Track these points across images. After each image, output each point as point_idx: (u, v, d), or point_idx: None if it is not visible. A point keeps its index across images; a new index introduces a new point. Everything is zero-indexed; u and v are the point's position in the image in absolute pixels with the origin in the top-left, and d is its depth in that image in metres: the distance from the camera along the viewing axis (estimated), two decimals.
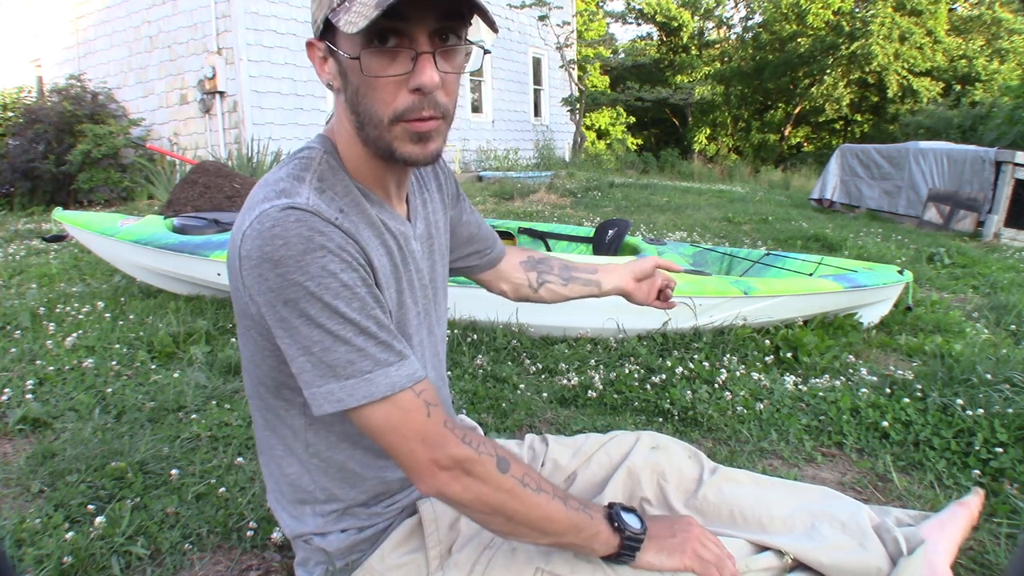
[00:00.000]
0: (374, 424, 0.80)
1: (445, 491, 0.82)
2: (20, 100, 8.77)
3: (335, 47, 0.80)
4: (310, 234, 0.77)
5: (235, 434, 1.82)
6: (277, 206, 0.78)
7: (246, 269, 0.79)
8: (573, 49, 14.16)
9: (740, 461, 1.74)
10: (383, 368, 0.79)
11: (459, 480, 0.81)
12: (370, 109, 0.80)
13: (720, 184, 12.32)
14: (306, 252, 0.76)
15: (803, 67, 19.19)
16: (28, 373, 2.23)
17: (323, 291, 0.77)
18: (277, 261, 0.76)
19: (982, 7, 17.88)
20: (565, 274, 1.30)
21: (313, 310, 0.77)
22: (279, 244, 0.76)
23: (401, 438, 0.80)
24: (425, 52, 0.77)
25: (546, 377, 2.29)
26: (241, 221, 0.82)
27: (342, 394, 0.78)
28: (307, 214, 0.78)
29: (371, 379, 0.78)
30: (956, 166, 6.56)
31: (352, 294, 0.78)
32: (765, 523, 1.08)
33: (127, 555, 1.31)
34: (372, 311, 0.80)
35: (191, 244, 2.84)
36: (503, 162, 11.79)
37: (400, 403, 0.79)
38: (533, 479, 0.86)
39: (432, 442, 0.80)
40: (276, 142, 8.06)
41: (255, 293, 0.80)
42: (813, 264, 3.08)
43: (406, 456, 0.80)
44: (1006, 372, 2.06)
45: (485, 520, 0.85)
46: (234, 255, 0.82)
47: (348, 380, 0.78)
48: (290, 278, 0.76)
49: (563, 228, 3.62)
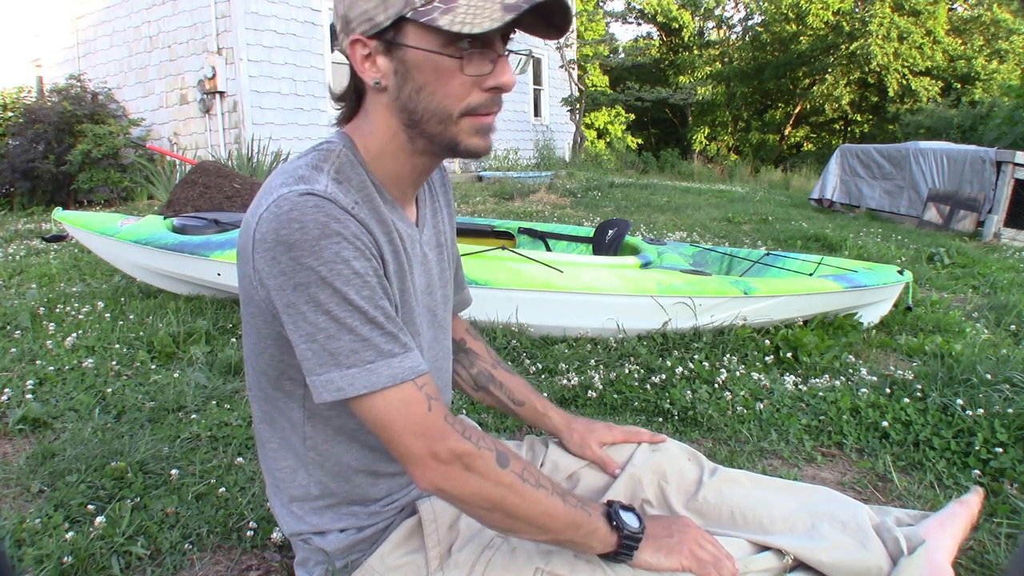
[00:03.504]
0: (374, 415, 0.80)
1: (444, 486, 0.81)
2: (20, 100, 8.76)
3: (401, 44, 0.80)
4: (327, 220, 0.77)
5: (235, 434, 1.82)
6: (296, 191, 0.79)
7: (259, 252, 0.80)
8: (573, 49, 14.16)
9: (740, 461, 1.73)
10: (386, 359, 0.79)
11: (458, 475, 0.81)
12: (439, 104, 0.82)
13: (720, 184, 12.32)
14: (321, 237, 0.77)
15: (803, 67, 19.19)
16: (28, 373, 2.23)
17: (335, 277, 0.77)
18: (292, 244, 0.77)
19: (981, 8, 17.89)
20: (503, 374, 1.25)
21: (323, 295, 0.77)
22: (295, 228, 0.77)
23: (400, 430, 0.79)
24: (503, 55, 0.82)
25: (546, 377, 2.29)
26: (257, 205, 0.82)
27: (342, 383, 0.78)
28: (325, 201, 0.79)
29: (373, 369, 0.78)
30: (956, 166, 6.56)
31: (363, 282, 0.79)
32: (765, 523, 1.08)
33: (127, 555, 1.31)
34: (380, 301, 0.81)
35: (191, 244, 2.84)
36: (503, 162, 11.79)
37: (401, 395, 0.79)
38: (532, 475, 0.86)
39: (432, 436, 0.80)
40: (276, 142, 8.06)
41: (265, 277, 0.80)
42: (813, 264, 3.08)
43: (404, 449, 0.80)
44: (1006, 372, 2.06)
45: (485, 516, 0.85)
46: (247, 238, 0.82)
47: (350, 369, 0.78)
48: (303, 262, 0.76)
49: (563, 228, 3.62)
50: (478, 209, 6.91)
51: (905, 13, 17.31)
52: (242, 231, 0.85)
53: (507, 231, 3.56)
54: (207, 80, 8.22)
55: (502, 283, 2.55)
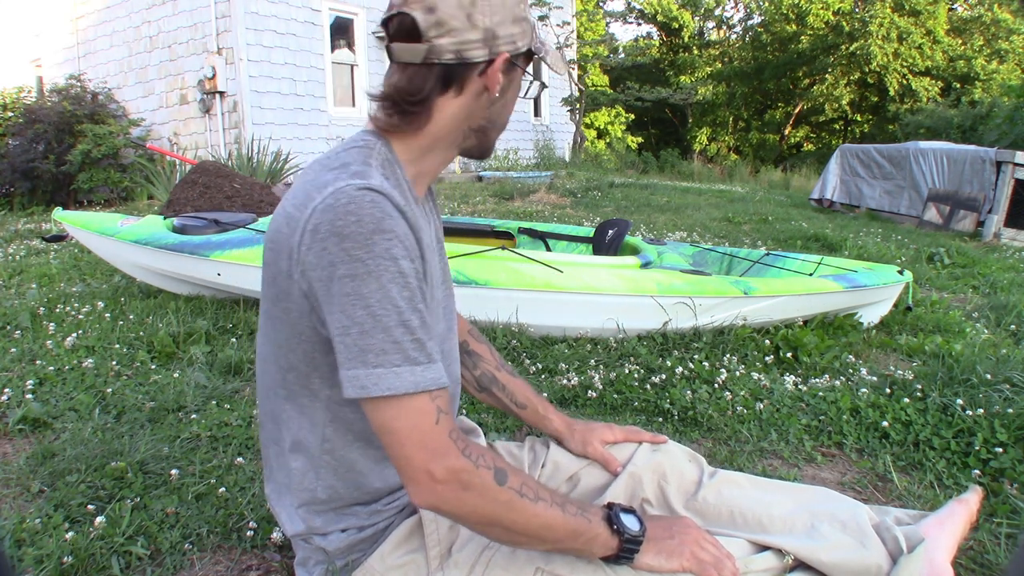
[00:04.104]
0: (384, 419, 0.80)
1: (440, 505, 0.82)
2: (20, 100, 8.76)
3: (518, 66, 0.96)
4: (382, 216, 0.79)
5: (235, 434, 1.82)
6: (353, 185, 0.81)
7: (307, 244, 0.81)
8: (573, 49, 14.16)
9: (740, 461, 1.74)
10: (411, 366, 0.80)
11: (454, 494, 0.81)
12: (507, 117, 1.01)
13: (720, 184, 12.32)
14: (375, 232, 0.78)
15: (803, 67, 19.19)
16: (28, 373, 2.23)
17: (382, 272, 0.78)
18: (346, 236, 0.78)
19: (981, 8, 17.89)
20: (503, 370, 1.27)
21: (366, 289, 0.78)
22: (352, 220, 0.78)
23: (404, 439, 0.80)
24: None
25: (546, 377, 2.29)
26: (307, 198, 0.83)
27: (367, 381, 0.79)
28: (382, 197, 0.81)
29: (398, 373, 0.79)
30: (956, 166, 6.56)
31: (406, 283, 0.80)
32: (765, 523, 1.09)
33: (127, 555, 1.31)
34: (419, 304, 0.82)
35: (191, 244, 2.84)
36: (503, 162, 11.79)
37: (415, 403, 0.80)
38: (531, 488, 0.86)
39: (433, 449, 0.80)
40: (276, 142, 8.06)
41: (310, 267, 0.81)
42: (813, 264, 3.08)
43: (404, 460, 0.80)
44: (1006, 372, 2.07)
45: (484, 531, 0.87)
46: (294, 231, 0.83)
47: (376, 368, 0.78)
48: (353, 253, 0.78)
49: (563, 228, 3.62)
50: (478, 209, 6.91)
51: (905, 13, 17.32)
52: (282, 225, 0.85)
53: (507, 231, 3.56)
54: (207, 80, 8.22)
55: (502, 283, 2.55)
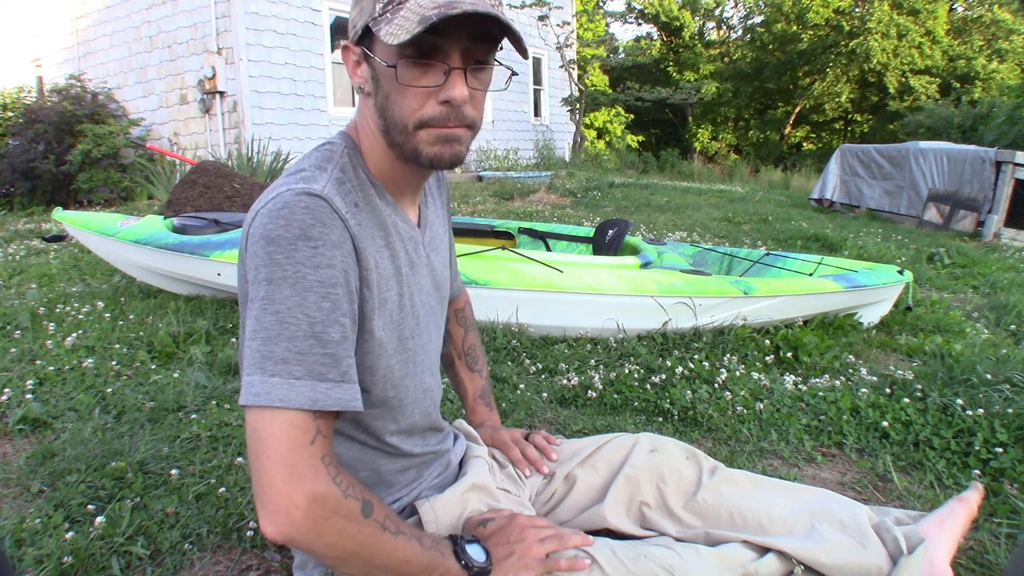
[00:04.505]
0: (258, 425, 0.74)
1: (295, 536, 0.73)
2: (20, 100, 8.75)
3: (371, 53, 0.83)
4: (312, 223, 0.78)
5: (235, 434, 1.82)
6: (294, 190, 0.80)
7: (246, 247, 0.81)
8: (573, 49, 14.15)
9: (740, 461, 1.74)
10: (313, 380, 0.75)
11: (314, 524, 0.74)
12: (398, 114, 0.83)
13: (720, 184, 12.32)
14: (300, 238, 0.77)
15: (804, 66, 19.19)
16: (28, 373, 2.23)
17: (299, 279, 0.76)
18: (271, 239, 0.77)
19: (981, 8, 17.89)
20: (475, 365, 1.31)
21: (280, 295, 0.76)
22: (281, 224, 0.78)
23: (268, 458, 0.73)
24: (457, 68, 0.81)
25: (546, 377, 2.29)
26: (257, 202, 0.84)
27: (260, 388, 0.74)
28: (318, 201, 0.80)
29: (295, 385, 0.75)
30: (956, 166, 6.56)
31: (326, 293, 0.78)
32: (765, 524, 1.08)
33: (127, 555, 1.31)
34: (340, 318, 0.79)
35: (191, 244, 2.84)
36: (503, 162, 11.78)
37: (295, 419, 0.74)
38: (393, 521, 0.83)
39: (299, 472, 0.73)
40: (276, 142, 8.06)
41: (249, 269, 0.80)
42: (813, 264, 3.08)
43: (264, 478, 0.73)
44: (1006, 372, 2.06)
45: (338, 565, 0.79)
46: (244, 234, 0.83)
47: (272, 377, 0.74)
48: (275, 257, 0.77)
49: (563, 228, 3.62)
50: (478, 209, 6.91)
51: (904, 12, 17.33)
52: (243, 227, 0.86)
53: (507, 231, 3.56)
54: (207, 80, 8.21)
55: (502, 283, 2.55)
